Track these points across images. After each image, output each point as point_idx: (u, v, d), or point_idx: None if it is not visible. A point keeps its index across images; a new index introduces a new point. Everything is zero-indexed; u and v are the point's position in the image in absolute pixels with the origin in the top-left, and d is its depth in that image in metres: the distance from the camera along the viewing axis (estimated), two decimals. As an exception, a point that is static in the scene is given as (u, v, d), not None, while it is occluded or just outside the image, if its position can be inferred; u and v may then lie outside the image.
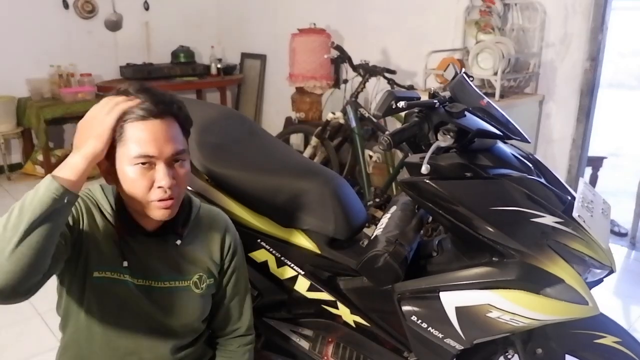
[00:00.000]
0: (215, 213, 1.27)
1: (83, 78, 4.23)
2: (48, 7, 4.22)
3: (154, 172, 1.02)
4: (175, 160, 1.05)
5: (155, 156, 1.01)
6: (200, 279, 1.18)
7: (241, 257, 1.29)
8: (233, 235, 1.26)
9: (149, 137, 1.00)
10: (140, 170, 1.01)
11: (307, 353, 1.56)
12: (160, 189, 1.02)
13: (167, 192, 1.02)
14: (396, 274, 1.27)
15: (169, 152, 1.02)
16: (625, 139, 5.87)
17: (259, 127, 1.87)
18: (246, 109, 5.10)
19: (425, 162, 1.13)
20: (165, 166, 1.02)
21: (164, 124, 1.02)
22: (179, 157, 1.05)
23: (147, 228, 1.12)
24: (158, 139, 1.01)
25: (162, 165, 1.02)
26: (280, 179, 1.51)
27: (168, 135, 1.02)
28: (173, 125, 1.04)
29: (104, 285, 1.08)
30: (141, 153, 1.00)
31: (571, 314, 1.13)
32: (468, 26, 3.23)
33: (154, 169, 1.02)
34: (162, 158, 1.01)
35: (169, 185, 1.02)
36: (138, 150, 1.00)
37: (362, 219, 1.56)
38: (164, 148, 1.01)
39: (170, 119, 1.04)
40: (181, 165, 1.06)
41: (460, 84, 1.30)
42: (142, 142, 1.00)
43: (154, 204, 1.03)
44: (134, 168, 1.01)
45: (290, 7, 4.49)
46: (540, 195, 1.17)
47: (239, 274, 1.28)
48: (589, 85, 2.91)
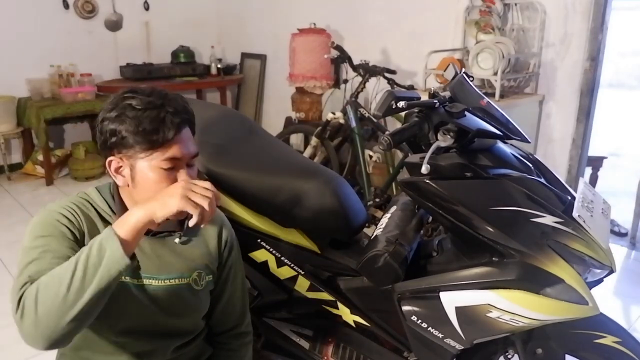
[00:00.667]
0: None
1: (83, 78, 4.23)
2: (48, 7, 4.22)
3: (176, 174, 1.05)
4: (189, 164, 1.08)
5: (180, 159, 1.04)
6: (199, 276, 1.19)
7: (238, 253, 1.30)
8: (229, 231, 1.28)
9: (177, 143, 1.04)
10: (164, 174, 1.04)
11: (307, 353, 1.56)
12: None
13: None
14: (396, 274, 1.27)
15: (190, 155, 1.07)
16: (625, 139, 5.86)
17: (259, 127, 1.87)
18: (246, 109, 5.10)
19: (425, 162, 1.13)
20: (186, 168, 1.06)
21: (185, 130, 1.07)
22: (193, 159, 1.09)
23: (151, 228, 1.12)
24: (184, 143, 1.05)
25: (184, 168, 1.05)
26: (280, 179, 1.51)
27: (187, 138, 1.07)
28: (189, 130, 1.09)
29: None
30: (168, 156, 1.03)
31: (571, 314, 1.13)
32: (468, 26, 3.23)
33: (175, 172, 1.05)
34: (185, 160, 1.06)
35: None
36: (164, 155, 1.03)
37: (362, 219, 1.56)
38: (186, 152, 1.05)
39: (189, 126, 1.09)
40: (193, 167, 1.10)
41: (460, 84, 1.30)
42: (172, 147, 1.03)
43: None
44: (159, 171, 1.03)
45: (290, 7, 4.49)
46: (540, 195, 1.17)
47: (236, 270, 1.29)
48: (589, 85, 2.91)
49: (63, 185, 4.03)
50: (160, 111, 1.02)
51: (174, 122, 1.02)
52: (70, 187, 3.98)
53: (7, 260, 2.83)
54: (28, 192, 3.88)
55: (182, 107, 1.06)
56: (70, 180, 4.14)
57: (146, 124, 1.00)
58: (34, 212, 3.42)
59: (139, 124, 1.00)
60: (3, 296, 2.48)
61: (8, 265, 2.77)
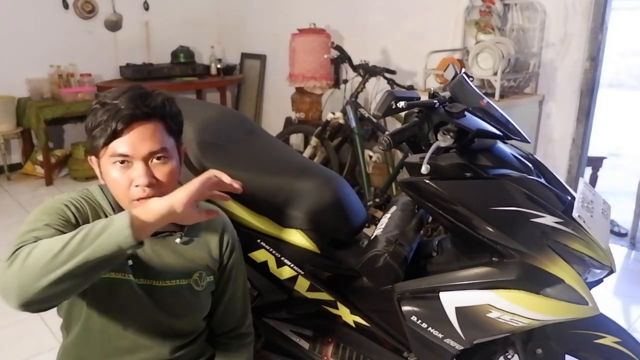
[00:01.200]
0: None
1: (83, 78, 4.23)
2: (48, 7, 4.22)
3: (132, 171, 1.03)
4: (157, 159, 1.05)
5: (130, 155, 1.02)
6: (200, 277, 1.19)
7: (239, 254, 1.30)
8: (231, 232, 1.27)
9: (124, 137, 1.02)
10: (119, 169, 1.03)
11: (307, 353, 1.56)
12: (138, 187, 1.02)
13: (146, 190, 1.02)
14: (396, 274, 1.27)
15: (145, 151, 1.03)
16: (625, 139, 5.87)
17: (259, 127, 1.87)
18: (246, 109, 5.10)
19: (425, 162, 1.13)
20: (143, 165, 1.02)
21: (142, 125, 1.03)
22: (160, 155, 1.05)
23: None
24: (133, 139, 1.02)
25: (139, 164, 1.02)
26: (280, 179, 1.51)
27: (145, 135, 1.03)
28: (154, 125, 1.05)
29: (107, 285, 1.08)
30: (116, 152, 1.01)
31: (571, 314, 1.13)
32: (468, 26, 3.23)
33: (132, 168, 1.03)
34: (137, 156, 1.02)
35: (145, 183, 1.02)
36: (114, 149, 1.02)
37: (362, 219, 1.56)
38: (139, 147, 1.02)
39: (153, 120, 1.05)
40: (163, 163, 1.05)
41: (460, 84, 1.30)
42: (119, 142, 1.01)
43: (135, 202, 1.03)
44: (114, 167, 1.03)
45: (290, 7, 4.49)
46: (540, 195, 1.17)
47: (237, 271, 1.28)
48: (589, 85, 2.91)
49: (63, 186, 4.03)
50: (115, 105, 1.01)
51: (123, 116, 1.00)
52: (70, 187, 3.97)
53: (7, 260, 2.83)
54: (28, 192, 3.88)
55: (145, 102, 1.03)
56: (70, 181, 4.14)
57: (101, 117, 1.01)
58: (34, 212, 3.43)
59: (96, 118, 1.01)
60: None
61: (8, 266, 2.77)
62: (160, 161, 1.05)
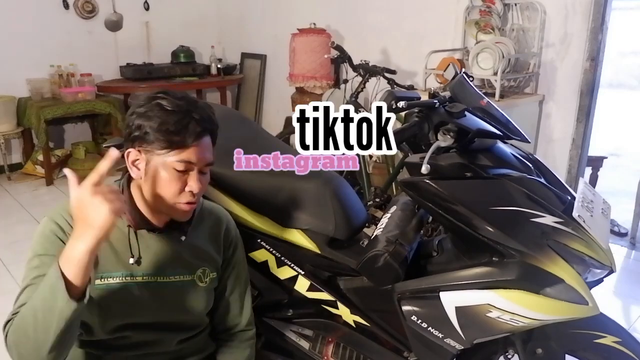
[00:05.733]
0: (216, 209, 1.31)
1: (83, 78, 4.23)
2: (48, 7, 4.22)
3: (187, 178, 1.08)
4: (204, 171, 1.11)
5: (195, 163, 1.07)
6: (204, 273, 1.21)
7: (241, 252, 1.33)
8: (234, 230, 1.30)
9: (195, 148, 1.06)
10: (176, 174, 1.06)
11: (307, 353, 1.56)
12: (190, 193, 1.08)
13: (195, 196, 1.09)
14: (396, 274, 1.27)
15: (205, 162, 1.09)
16: (625, 139, 5.87)
17: (259, 127, 1.87)
18: (246, 109, 5.10)
19: (425, 162, 1.13)
20: (199, 174, 1.09)
21: (206, 138, 1.09)
22: (209, 166, 1.12)
23: (155, 224, 1.14)
24: (202, 150, 1.07)
25: (194, 173, 1.08)
26: (280, 179, 1.51)
27: (208, 148, 1.10)
28: (210, 139, 1.11)
29: (110, 289, 1.10)
30: (183, 159, 1.05)
31: (571, 314, 1.13)
32: (468, 26, 3.24)
33: (187, 175, 1.07)
34: (198, 166, 1.08)
35: (198, 190, 1.09)
36: (180, 157, 1.05)
37: (362, 219, 1.56)
38: (202, 159, 1.08)
39: (210, 136, 1.11)
40: (206, 174, 1.13)
41: (460, 84, 1.30)
42: (190, 151, 1.06)
43: (181, 205, 1.09)
44: (172, 171, 1.06)
45: (290, 7, 4.50)
46: (540, 195, 1.17)
47: (239, 268, 1.31)
48: (589, 85, 2.91)
49: (63, 185, 4.02)
50: (186, 116, 1.05)
51: (196, 129, 1.05)
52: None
53: (7, 260, 2.83)
54: (28, 192, 3.88)
55: (207, 116, 1.09)
56: (71, 180, 4.14)
57: (170, 124, 1.03)
58: (34, 212, 3.43)
59: (163, 123, 1.03)
60: (3, 296, 2.48)
61: (8, 265, 2.77)
62: (205, 173, 1.12)
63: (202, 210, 1.24)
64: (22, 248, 2.95)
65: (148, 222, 1.13)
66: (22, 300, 1.01)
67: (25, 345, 0.94)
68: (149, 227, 1.14)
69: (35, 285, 0.99)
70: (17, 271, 2.69)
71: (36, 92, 4.03)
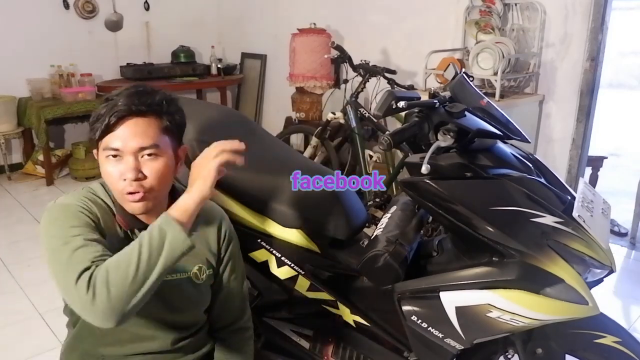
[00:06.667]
0: (209, 205, 1.28)
1: (83, 78, 4.23)
2: (48, 7, 4.22)
3: (122, 165, 1.05)
4: (148, 155, 1.06)
5: (120, 149, 1.04)
6: (200, 270, 1.20)
7: (236, 247, 1.31)
8: (228, 225, 1.29)
9: (117, 132, 1.05)
10: (111, 162, 1.05)
11: (307, 353, 1.56)
12: (126, 181, 1.05)
13: (133, 185, 1.05)
14: (396, 274, 1.27)
15: (135, 146, 1.04)
16: (625, 139, 5.87)
17: (259, 127, 1.87)
18: (246, 109, 5.10)
19: (425, 162, 1.13)
20: (133, 159, 1.05)
21: (135, 120, 1.05)
22: (150, 152, 1.06)
23: (146, 223, 1.12)
24: (125, 133, 1.04)
25: (128, 158, 1.05)
26: (280, 178, 1.51)
27: (136, 130, 1.05)
28: (147, 122, 1.06)
29: None
30: (108, 145, 1.05)
31: (571, 313, 1.13)
32: (468, 26, 3.24)
33: (123, 162, 1.05)
34: (127, 151, 1.04)
35: (132, 177, 1.04)
36: (107, 143, 1.05)
37: (362, 219, 1.56)
38: (129, 141, 1.04)
39: (148, 116, 1.06)
40: (153, 160, 1.07)
41: (460, 84, 1.30)
42: (111, 136, 1.05)
43: (126, 196, 1.06)
44: (107, 160, 1.06)
45: (290, 7, 4.50)
46: (540, 195, 1.17)
47: (234, 263, 1.29)
48: (589, 85, 2.91)
49: (63, 185, 4.03)
50: (114, 101, 1.04)
51: (117, 111, 1.03)
52: (70, 187, 3.97)
53: (7, 260, 2.83)
54: (28, 192, 3.88)
55: (141, 99, 1.05)
56: (71, 180, 4.14)
57: (100, 111, 1.04)
58: (34, 212, 3.43)
59: (97, 113, 1.05)
60: (3, 296, 2.49)
61: (8, 265, 2.77)
62: (150, 157, 1.06)
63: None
64: (22, 248, 2.96)
65: (139, 222, 1.12)
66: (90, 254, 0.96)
67: (120, 290, 0.91)
68: (140, 227, 1.12)
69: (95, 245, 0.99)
70: (17, 271, 2.70)
71: (36, 92, 4.03)
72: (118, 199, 1.09)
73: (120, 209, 1.11)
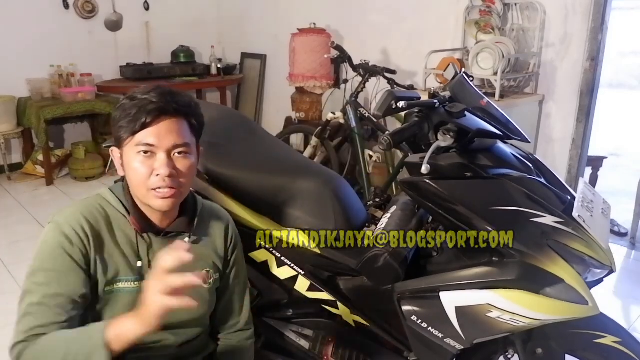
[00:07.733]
0: (216, 209, 1.31)
1: (83, 78, 4.23)
2: (48, 7, 4.21)
3: (154, 161, 1.06)
4: (179, 153, 1.09)
5: (155, 145, 1.06)
6: (207, 275, 1.21)
7: (240, 251, 1.33)
8: (233, 229, 1.30)
9: (152, 129, 1.06)
10: (142, 159, 1.06)
11: (307, 353, 1.56)
12: (159, 176, 1.06)
13: (166, 181, 1.06)
14: (396, 274, 1.27)
15: (170, 143, 1.07)
16: (625, 139, 5.87)
17: (259, 127, 1.87)
18: (246, 109, 5.10)
19: (425, 162, 1.13)
20: (166, 156, 1.07)
21: (169, 119, 1.07)
22: (181, 149, 1.09)
23: (159, 226, 1.15)
24: (160, 130, 1.06)
25: (162, 155, 1.06)
26: (280, 179, 1.51)
27: (171, 128, 1.07)
28: (179, 122, 1.09)
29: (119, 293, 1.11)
30: (142, 141, 1.05)
31: (571, 313, 1.13)
32: (468, 26, 3.24)
33: (155, 159, 1.06)
34: (162, 147, 1.06)
35: (167, 173, 1.06)
36: (140, 139, 1.05)
37: (362, 219, 1.56)
38: (164, 139, 1.06)
39: (179, 116, 1.09)
40: (184, 157, 1.10)
41: (460, 84, 1.30)
42: (146, 132, 1.06)
43: (153, 192, 1.07)
44: (137, 156, 1.07)
45: (290, 7, 4.50)
46: (540, 195, 1.17)
47: (238, 267, 1.31)
48: (589, 85, 2.91)
49: (63, 185, 4.03)
50: (145, 99, 1.06)
51: (153, 109, 1.05)
52: (70, 187, 3.98)
53: (7, 260, 2.83)
54: (28, 192, 3.88)
55: (174, 99, 1.08)
56: (70, 180, 4.14)
57: (130, 110, 1.05)
58: (34, 212, 3.43)
59: (125, 110, 1.06)
60: (3, 296, 2.48)
61: (8, 265, 2.77)
62: (181, 155, 1.09)
63: (202, 211, 1.24)
64: (22, 248, 2.96)
65: (152, 225, 1.14)
66: (31, 325, 1.00)
67: None
68: (154, 230, 1.14)
69: (47, 307, 1.01)
70: (17, 271, 2.69)
71: (36, 92, 4.03)
72: (142, 196, 1.09)
73: (136, 210, 1.12)
